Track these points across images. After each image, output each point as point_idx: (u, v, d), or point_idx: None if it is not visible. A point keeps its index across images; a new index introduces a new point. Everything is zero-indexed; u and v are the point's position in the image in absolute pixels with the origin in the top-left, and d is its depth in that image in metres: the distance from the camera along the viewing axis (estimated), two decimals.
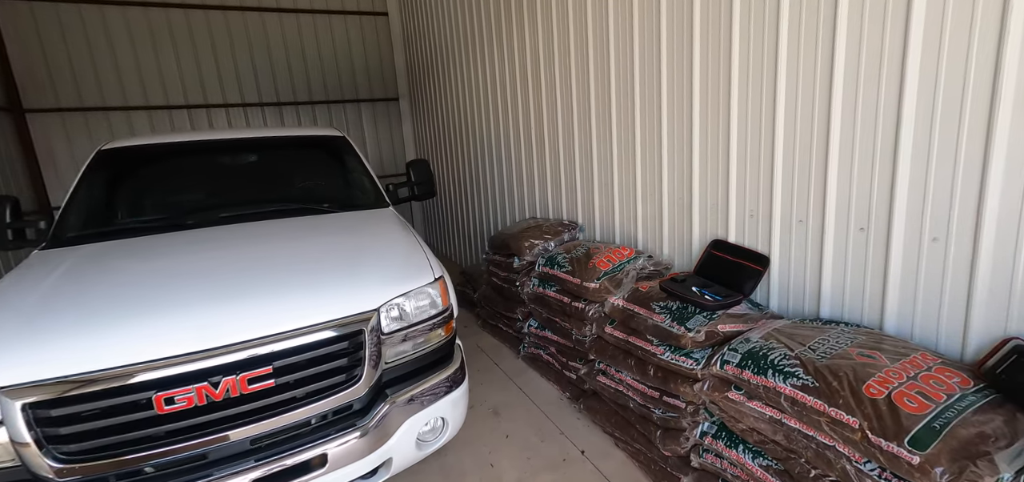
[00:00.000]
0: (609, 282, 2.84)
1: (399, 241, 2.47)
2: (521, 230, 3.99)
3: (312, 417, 1.81)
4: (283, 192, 3.14)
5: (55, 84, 6.65)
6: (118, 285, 1.86)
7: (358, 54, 8.37)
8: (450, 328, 2.26)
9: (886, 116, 1.85)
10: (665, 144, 2.90)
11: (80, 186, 2.75)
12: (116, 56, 6.89)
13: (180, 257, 2.14)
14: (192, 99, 7.37)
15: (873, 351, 1.72)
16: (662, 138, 2.91)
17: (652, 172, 3.06)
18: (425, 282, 2.13)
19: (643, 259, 2.96)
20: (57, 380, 1.44)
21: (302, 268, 2.07)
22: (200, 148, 3.19)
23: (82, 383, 1.46)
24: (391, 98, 8.70)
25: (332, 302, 1.88)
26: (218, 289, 1.83)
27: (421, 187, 3.66)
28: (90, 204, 2.70)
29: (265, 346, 1.67)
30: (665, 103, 2.85)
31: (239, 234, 2.49)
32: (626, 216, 3.38)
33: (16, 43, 6.41)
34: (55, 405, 1.45)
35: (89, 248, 2.31)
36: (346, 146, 3.57)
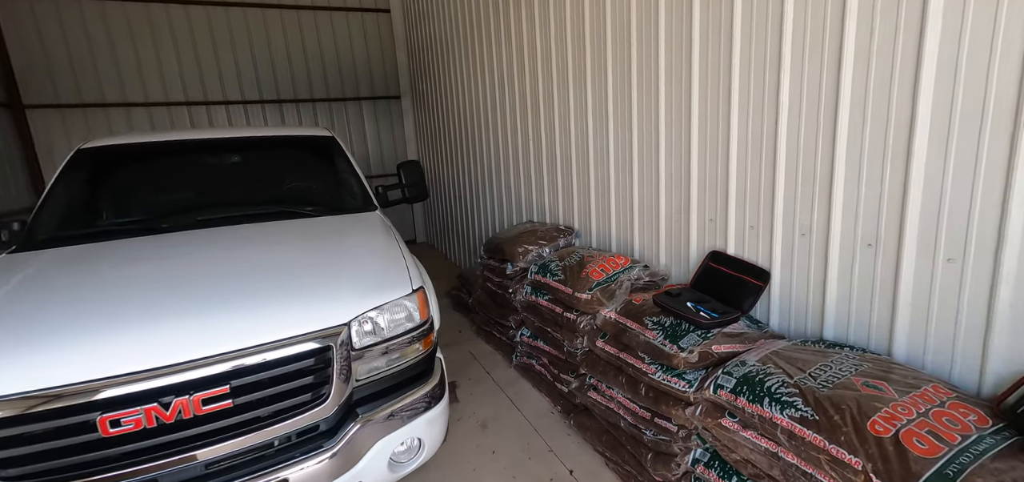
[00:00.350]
0: (602, 293, 2.70)
1: (379, 249, 2.35)
2: (515, 234, 3.87)
3: (275, 439, 1.70)
4: (266, 194, 3.03)
5: (55, 80, 6.61)
6: (73, 297, 1.75)
7: (359, 51, 8.27)
8: (429, 342, 2.14)
9: (898, 122, 1.70)
10: (663, 149, 2.76)
11: (56, 186, 2.66)
12: (116, 52, 6.84)
13: (146, 264, 2.05)
14: (192, 96, 7.32)
15: (880, 381, 1.57)
16: (659, 143, 2.77)
17: (649, 178, 2.92)
18: (401, 294, 2.01)
19: (638, 269, 2.82)
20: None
21: (271, 278, 1.96)
22: (182, 148, 3.10)
23: (16, 403, 1.36)
24: (392, 96, 8.60)
25: (299, 316, 1.76)
26: (177, 301, 1.72)
27: (412, 189, 3.55)
28: (65, 205, 2.62)
29: (221, 364, 1.56)
30: (663, 105, 2.70)
31: (213, 240, 2.38)
32: (622, 224, 3.24)
33: (15, 38, 6.37)
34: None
35: (56, 252, 2.22)
36: (335, 147, 3.46)
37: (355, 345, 1.85)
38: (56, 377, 1.41)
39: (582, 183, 3.62)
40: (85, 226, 2.54)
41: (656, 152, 2.82)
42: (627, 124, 3.02)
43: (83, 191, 2.73)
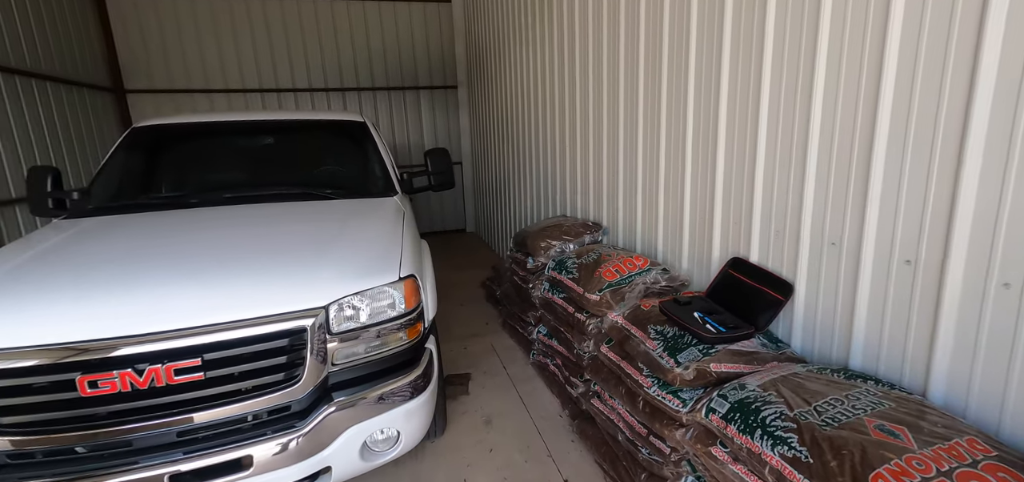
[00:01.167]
0: (612, 295, 2.53)
1: (380, 234, 2.35)
2: (541, 228, 3.75)
3: (248, 415, 1.74)
4: (291, 175, 3.15)
5: (150, 68, 7.37)
6: (85, 263, 1.90)
7: (420, 41, 8.44)
8: (415, 332, 2.10)
9: (948, 122, 1.40)
10: (689, 146, 2.52)
11: (109, 161, 2.93)
12: (201, 43, 7.49)
13: (156, 237, 2.18)
14: (264, 83, 7.86)
15: (900, 426, 1.31)
16: (686, 139, 2.53)
17: (675, 177, 2.69)
18: (385, 281, 1.98)
19: (656, 272, 2.60)
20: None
21: (265, 256, 2.01)
22: (221, 129, 3.29)
23: (8, 356, 1.48)
24: (450, 86, 8.71)
25: (277, 295, 1.79)
26: (166, 273, 1.81)
27: (438, 177, 3.52)
28: (112, 178, 2.87)
29: (193, 337, 1.62)
30: (691, 102, 2.46)
31: (231, 216, 2.50)
32: (648, 223, 3.01)
33: (122, 32, 7.16)
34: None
35: (92, 221, 2.43)
36: (365, 131, 3.52)
37: (333, 329, 1.85)
38: (45, 336, 1.53)
39: (611, 180, 3.42)
40: (124, 197, 2.76)
41: (683, 150, 2.58)
42: (655, 120, 2.79)
43: (130, 165, 2.98)
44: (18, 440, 1.53)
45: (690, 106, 2.47)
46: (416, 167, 8.65)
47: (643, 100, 2.91)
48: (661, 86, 2.70)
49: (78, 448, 1.59)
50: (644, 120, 2.92)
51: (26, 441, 1.54)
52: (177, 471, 1.59)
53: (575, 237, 3.48)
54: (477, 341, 4.07)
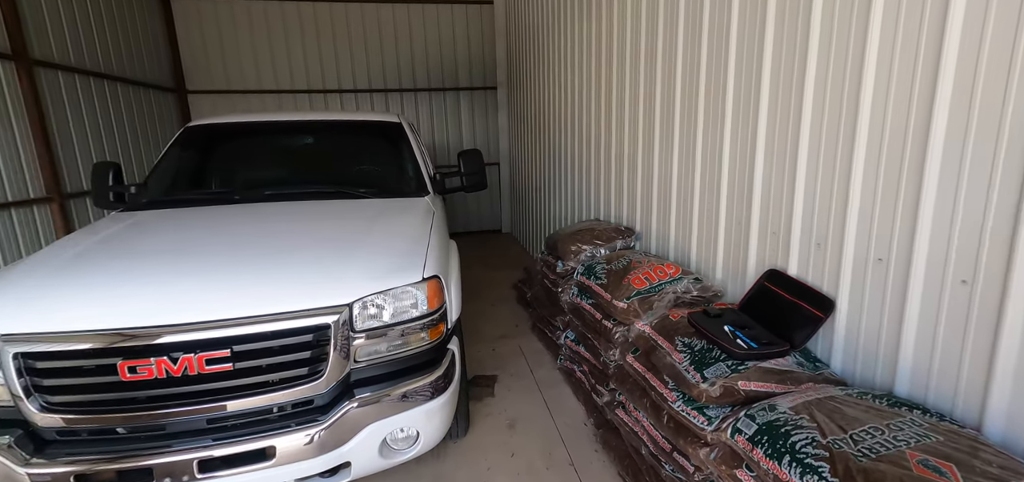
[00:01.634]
0: (639, 303, 2.45)
1: (407, 234, 2.38)
2: (573, 232, 3.69)
3: (273, 406, 1.80)
4: (329, 174, 3.25)
5: (210, 69, 7.81)
6: (131, 255, 2.03)
7: (461, 43, 8.52)
8: (437, 332, 2.11)
9: (1013, 129, 1.26)
10: (727, 150, 2.41)
11: (164, 157, 3.12)
12: (255, 47, 7.87)
13: (200, 232, 2.29)
14: (313, 84, 8.16)
15: (947, 463, 1.19)
16: (724, 143, 2.42)
17: (711, 183, 2.58)
18: (409, 281, 2.01)
19: (688, 281, 2.50)
20: (35, 334, 1.60)
21: (295, 253, 2.07)
22: (267, 129, 3.44)
23: (57, 339, 1.60)
24: (489, 87, 8.76)
25: (304, 291, 1.84)
26: (201, 267, 1.90)
27: (470, 178, 3.54)
28: (166, 174, 3.05)
29: (222, 329, 1.69)
30: (730, 101, 2.35)
31: (268, 213, 2.60)
32: (682, 230, 2.91)
33: (185, 35, 7.63)
34: (37, 358, 1.60)
35: (144, 215, 2.60)
36: (400, 132, 3.59)
37: (356, 327, 1.89)
38: (92, 322, 1.64)
39: (645, 184, 3.32)
40: (174, 192, 2.93)
41: (719, 154, 2.47)
42: (692, 124, 2.69)
43: (182, 162, 3.16)
44: (69, 418, 1.65)
45: (729, 109, 2.37)
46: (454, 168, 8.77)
47: (680, 104, 2.81)
48: (698, 89, 2.60)
49: (119, 429, 1.69)
50: (681, 124, 2.82)
51: (74, 420, 1.65)
52: (206, 457, 1.67)
53: (606, 242, 3.41)
54: (506, 343, 4.07)
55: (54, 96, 4.94)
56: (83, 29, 5.44)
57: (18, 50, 4.46)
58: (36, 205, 4.62)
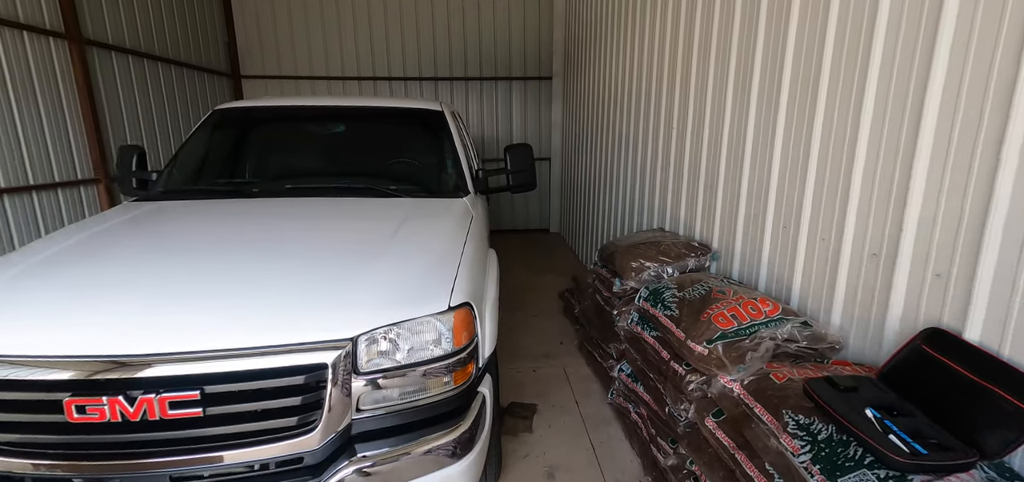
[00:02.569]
0: (726, 350, 1.90)
1: (435, 247, 1.95)
2: (634, 244, 3.15)
3: (254, 463, 1.42)
4: (359, 166, 2.89)
5: (264, 55, 7.79)
6: (106, 260, 1.72)
7: (517, 29, 8.06)
8: (465, 375, 1.67)
9: None
10: (864, 140, 1.80)
11: (189, 141, 2.86)
12: (309, 31, 7.75)
13: (197, 233, 1.97)
14: (363, 71, 7.98)
15: None
16: (859, 136, 1.82)
17: (830, 193, 1.98)
18: (432, 311, 1.58)
19: (792, 326, 1.92)
20: None
21: (297, 267, 1.69)
22: (298, 114, 3.14)
23: None
24: (544, 77, 8.25)
25: (297, 320, 1.45)
26: (186, 282, 1.56)
27: (518, 176, 3.08)
28: (188, 161, 2.79)
29: (190, 364, 1.32)
30: (876, 66, 1.75)
31: (283, 212, 2.26)
32: (779, 254, 2.31)
33: (241, 19, 7.63)
34: None
35: (152, 206, 2.33)
36: (441, 122, 3.18)
37: (362, 367, 1.48)
38: (39, 344, 1.31)
39: (730, 191, 2.73)
40: (191, 181, 2.66)
41: (851, 152, 1.86)
42: (808, 114, 2.09)
43: (207, 148, 2.89)
44: (9, 462, 1.34)
45: (872, 76, 1.75)
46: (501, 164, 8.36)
47: (788, 79, 2.21)
48: (823, 65, 1.99)
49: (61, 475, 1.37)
50: (788, 107, 2.22)
51: (14, 464, 1.34)
52: None
53: (675, 260, 2.85)
54: (549, 364, 3.60)
55: (106, 76, 4.92)
56: (139, 11, 5.43)
57: (71, 29, 4.42)
58: (83, 186, 4.61)
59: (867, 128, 1.78)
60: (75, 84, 4.51)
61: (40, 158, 4.16)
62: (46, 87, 4.22)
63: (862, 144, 1.80)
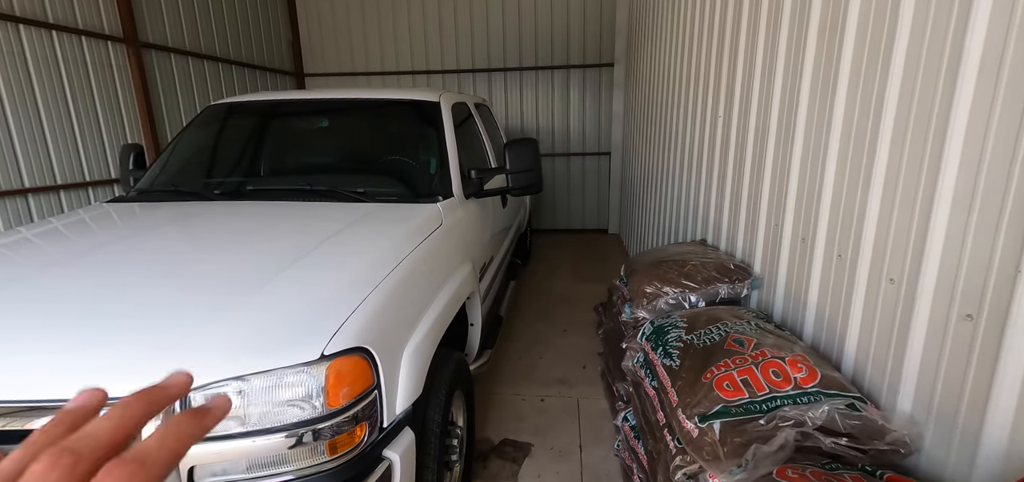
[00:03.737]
0: (723, 433, 1.33)
1: (349, 268, 1.59)
2: (657, 261, 2.57)
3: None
4: (330, 165, 2.64)
5: (325, 52, 7.99)
6: (41, 267, 1.57)
7: (576, 13, 7.50)
8: (350, 441, 1.30)
9: None
10: (956, 150, 1.14)
11: (175, 140, 2.78)
12: (366, 27, 7.82)
13: (103, 245, 1.78)
14: (416, 65, 7.90)
15: None
16: (950, 134, 1.16)
17: (906, 217, 1.31)
18: (295, 361, 1.22)
19: (833, 407, 1.29)
20: None
21: (169, 296, 1.42)
22: (284, 109, 2.95)
23: None
24: (605, 64, 7.60)
25: (125, 367, 1.17)
26: (30, 306, 1.34)
27: (518, 178, 2.64)
28: (172, 160, 2.70)
29: (4, 417, 1.09)
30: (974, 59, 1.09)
31: (225, 219, 2.05)
32: (831, 292, 1.65)
33: (304, 18, 7.88)
34: None
35: (122, 207, 2.24)
36: (436, 115, 2.82)
37: None
38: None
39: (776, 197, 2.07)
40: (162, 182, 2.55)
41: (935, 157, 1.21)
42: (875, 96, 1.43)
43: (189, 146, 2.78)
44: None
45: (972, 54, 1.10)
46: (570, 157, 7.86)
47: (848, 75, 1.55)
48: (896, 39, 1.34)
49: None
50: (847, 103, 1.56)
51: None
52: None
53: (702, 286, 2.24)
54: (561, 393, 3.11)
55: (164, 78, 5.20)
56: (200, 14, 5.69)
57: (128, 33, 4.69)
58: None
59: (962, 126, 1.11)
60: (132, 86, 4.79)
61: (96, 157, 4.45)
62: (103, 89, 4.50)
63: (954, 147, 1.13)
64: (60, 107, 4.11)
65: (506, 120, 7.85)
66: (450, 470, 2.03)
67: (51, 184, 4.03)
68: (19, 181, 3.80)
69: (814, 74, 1.75)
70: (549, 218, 8.17)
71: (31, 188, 3.87)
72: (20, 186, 3.80)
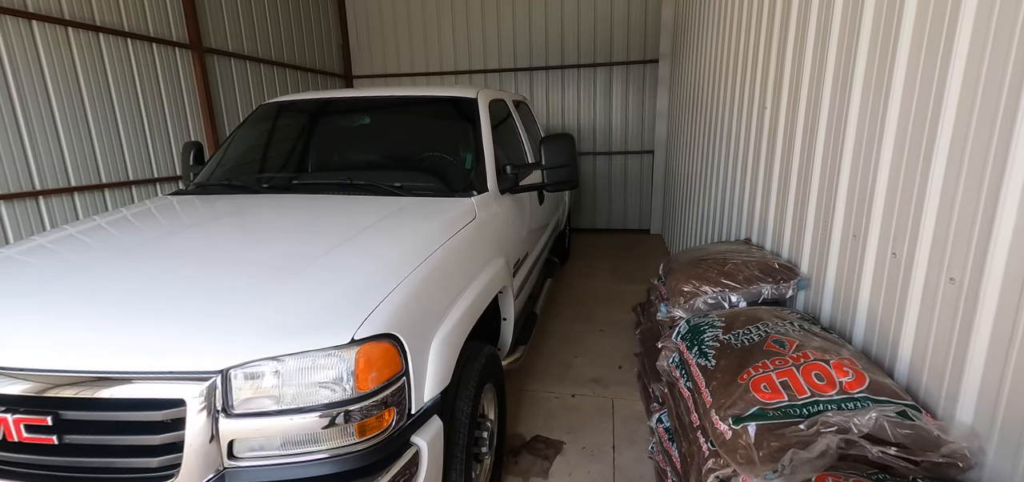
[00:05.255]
0: (759, 436, 1.27)
1: (379, 259, 1.63)
2: (696, 259, 2.48)
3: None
4: (370, 161, 2.72)
5: (372, 55, 8.24)
6: (61, 259, 1.71)
7: (620, 10, 7.36)
8: (378, 425, 1.33)
9: None
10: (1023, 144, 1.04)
11: (230, 138, 2.95)
12: (411, 29, 8.00)
13: (159, 234, 1.90)
14: (459, 65, 8.01)
15: None
16: (1016, 126, 1.05)
17: (970, 209, 1.20)
18: (326, 344, 1.26)
19: (883, 413, 1.20)
20: None
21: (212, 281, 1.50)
22: (329, 107, 3.06)
23: None
24: (649, 60, 7.43)
25: (168, 345, 1.25)
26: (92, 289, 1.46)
27: (554, 173, 2.63)
28: (227, 156, 2.86)
29: (42, 385, 1.19)
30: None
31: (270, 210, 2.16)
32: (884, 292, 1.53)
33: (354, 23, 8.17)
34: None
35: (183, 199, 2.40)
36: (473, 112, 2.84)
37: (234, 407, 1.23)
38: None
39: (825, 194, 1.95)
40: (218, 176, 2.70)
41: (1004, 140, 1.10)
42: (937, 77, 1.32)
43: (244, 143, 2.94)
44: None
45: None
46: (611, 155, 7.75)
47: (908, 50, 1.43)
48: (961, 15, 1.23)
49: None
50: (905, 86, 1.44)
51: None
52: None
53: (743, 286, 2.14)
54: (595, 392, 3.07)
55: (224, 81, 5.53)
56: (258, 20, 6.02)
57: (193, 40, 5.02)
58: None
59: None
60: (196, 88, 5.12)
61: (163, 154, 4.79)
62: (171, 93, 4.84)
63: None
64: (133, 109, 4.46)
65: (547, 118, 7.82)
66: (480, 462, 2.05)
67: (124, 180, 4.38)
68: (97, 177, 4.15)
69: (869, 59, 1.63)
70: (589, 217, 8.07)
71: (107, 183, 4.22)
72: (98, 181, 4.15)
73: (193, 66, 5.09)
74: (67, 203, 3.95)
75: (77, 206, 4.03)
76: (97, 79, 4.12)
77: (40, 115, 3.72)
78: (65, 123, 3.89)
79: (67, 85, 3.90)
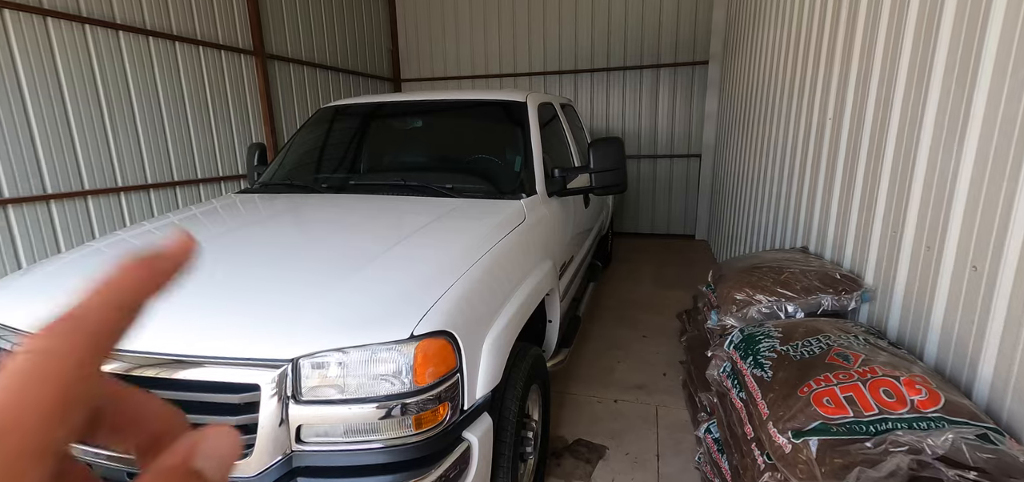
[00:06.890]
0: (821, 452, 1.23)
1: (435, 258, 1.69)
2: (750, 267, 2.41)
3: None
4: (423, 163, 2.80)
5: (419, 59, 8.45)
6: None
7: (669, 10, 7.23)
8: (434, 418, 1.38)
9: None
10: None
11: (291, 140, 3.12)
12: (458, 36, 8.16)
13: (229, 230, 2.04)
14: (504, 69, 8.08)
15: None
16: None
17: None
18: (386, 338, 1.32)
19: (960, 435, 1.14)
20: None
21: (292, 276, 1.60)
22: (383, 111, 3.17)
23: None
24: (699, 62, 7.25)
25: (242, 332, 1.35)
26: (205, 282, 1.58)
27: (602, 177, 2.64)
28: (287, 157, 3.03)
29: (154, 367, 1.31)
30: None
31: (328, 210, 2.27)
32: (962, 308, 1.44)
33: (403, 26, 8.40)
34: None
35: (246, 197, 2.55)
36: (522, 115, 2.88)
37: (302, 394, 1.31)
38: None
39: (895, 202, 1.85)
40: (280, 177, 2.85)
41: None
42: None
43: (304, 145, 3.09)
44: None
45: None
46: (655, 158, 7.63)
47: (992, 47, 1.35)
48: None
49: None
50: (991, 89, 1.36)
51: None
52: None
53: (801, 296, 2.07)
54: (639, 398, 3.03)
55: (284, 86, 5.82)
56: (314, 27, 6.31)
57: (257, 46, 5.33)
58: None
59: None
60: (259, 93, 5.43)
61: (228, 154, 5.10)
62: (236, 96, 5.15)
63: None
64: (203, 112, 4.77)
65: (591, 121, 7.77)
66: (524, 462, 2.07)
67: (193, 178, 4.69)
68: (169, 175, 4.47)
69: (949, 62, 1.54)
70: (632, 221, 7.95)
71: (179, 181, 4.54)
72: (170, 180, 4.47)
73: (256, 71, 5.39)
74: (144, 199, 4.27)
75: (152, 202, 4.35)
76: (171, 84, 4.44)
77: (123, 117, 4.04)
78: (144, 125, 4.21)
79: (147, 90, 4.22)
